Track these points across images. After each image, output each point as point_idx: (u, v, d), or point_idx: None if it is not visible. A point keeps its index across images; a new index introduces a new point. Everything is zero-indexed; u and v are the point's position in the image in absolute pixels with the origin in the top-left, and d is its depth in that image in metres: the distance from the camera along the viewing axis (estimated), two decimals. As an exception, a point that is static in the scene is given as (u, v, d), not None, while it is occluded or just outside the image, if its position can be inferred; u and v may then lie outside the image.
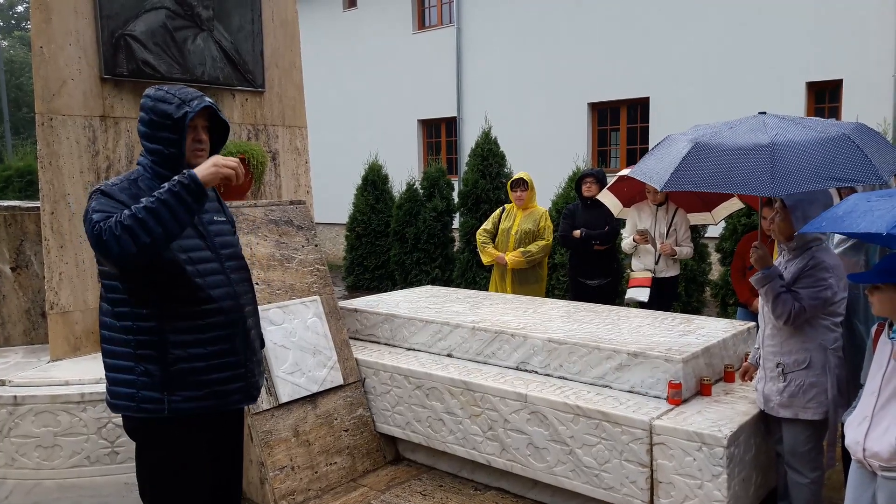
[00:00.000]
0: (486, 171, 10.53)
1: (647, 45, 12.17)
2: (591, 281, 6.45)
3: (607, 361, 4.08)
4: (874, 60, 10.03)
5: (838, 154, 3.23)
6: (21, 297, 5.00)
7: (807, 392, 3.44)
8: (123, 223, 2.42)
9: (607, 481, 3.74)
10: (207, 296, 2.73)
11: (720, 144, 3.46)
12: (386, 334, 5.22)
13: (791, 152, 3.25)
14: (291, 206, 5.01)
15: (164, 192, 2.48)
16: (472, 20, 14.83)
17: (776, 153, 3.25)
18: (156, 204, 2.45)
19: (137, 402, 2.67)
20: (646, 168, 3.72)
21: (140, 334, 2.65)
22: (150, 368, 2.65)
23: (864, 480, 2.85)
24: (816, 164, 3.20)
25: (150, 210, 2.44)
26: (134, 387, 2.67)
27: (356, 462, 4.70)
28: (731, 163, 3.34)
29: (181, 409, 2.68)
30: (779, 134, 3.37)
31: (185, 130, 2.69)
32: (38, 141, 4.51)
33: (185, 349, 2.68)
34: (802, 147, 3.27)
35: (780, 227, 3.53)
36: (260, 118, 5.62)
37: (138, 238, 2.43)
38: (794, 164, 3.21)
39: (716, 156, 3.42)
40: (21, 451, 4.01)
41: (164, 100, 2.69)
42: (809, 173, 3.17)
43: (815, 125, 3.46)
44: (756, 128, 3.50)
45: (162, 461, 2.76)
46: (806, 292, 3.39)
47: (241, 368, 2.85)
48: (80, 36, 4.59)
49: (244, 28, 5.38)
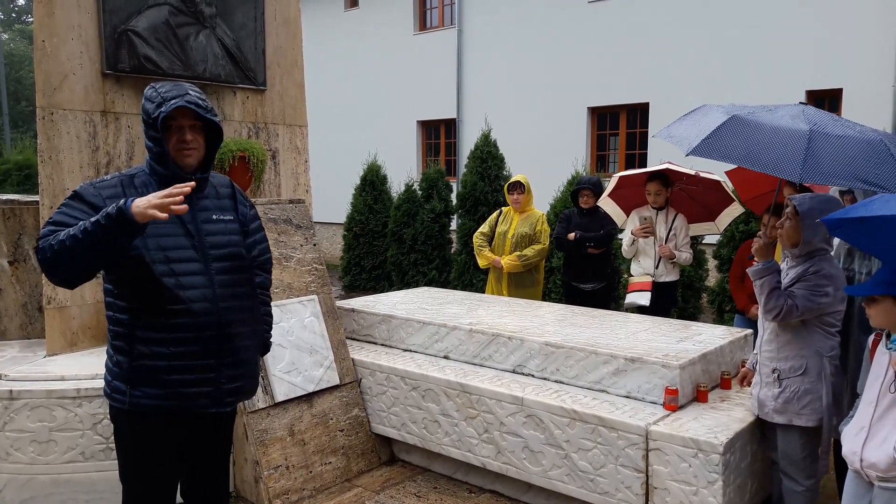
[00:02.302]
0: (485, 173, 10.53)
1: (649, 50, 12.18)
2: (585, 285, 6.42)
3: (604, 366, 4.09)
4: (874, 70, 10.05)
5: (872, 157, 3.23)
6: (18, 292, 4.99)
7: (801, 398, 3.45)
8: (54, 248, 2.47)
9: (602, 486, 3.74)
10: (175, 296, 2.68)
11: (758, 122, 3.44)
12: (383, 335, 5.21)
13: (827, 144, 3.24)
14: (290, 205, 5.01)
15: (92, 223, 2.44)
16: (473, 22, 14.84)
17: (813, 141, 3.24)
18: (82, 233, 2.43)
19: (111, 391, 2.79)
20: (676, 132, 3.64)
21: (116, 325, 2.75)
22: (121, 360, 2.74)
23: (861, 490, 2.85)
24: (849, 161, 3.19)
25: (76, 239, 2.44)
26: (110, 375, 2.80)
27: (351, 462, 4.69)
28: (765, 142, 3.32)
29: (141, 404, 2.73)
30: (818, 125, 3.36)
31: (164, 130, 2.71)
32: (39, 135, 4.50)
33: (148, 346, 2.69)
34: (840, 141, 3.25)
35: (787, 234, 3.50)
36: (261, 116, 5.61)
37: (63, 267, 2.50)
38: (828, 156, 3.20)
39: (750, 132, 3.39)
40: (16, 445, 3.99)
41: (150, 98, 2.74)
42: (840, 168, 3.17)
43: (853, 125, 3.47)
44: (796, 115, 3.50)
45: (125, 450, 2.86)
46: (802, 293, 3.39)
47: (211, 373, 2.78)
48: (83, 30, 4.58)
49: (246, 25, 5.38)
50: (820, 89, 10.50)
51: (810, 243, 3.43)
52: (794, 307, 3.36)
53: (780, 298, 3.37)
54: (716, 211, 6.16)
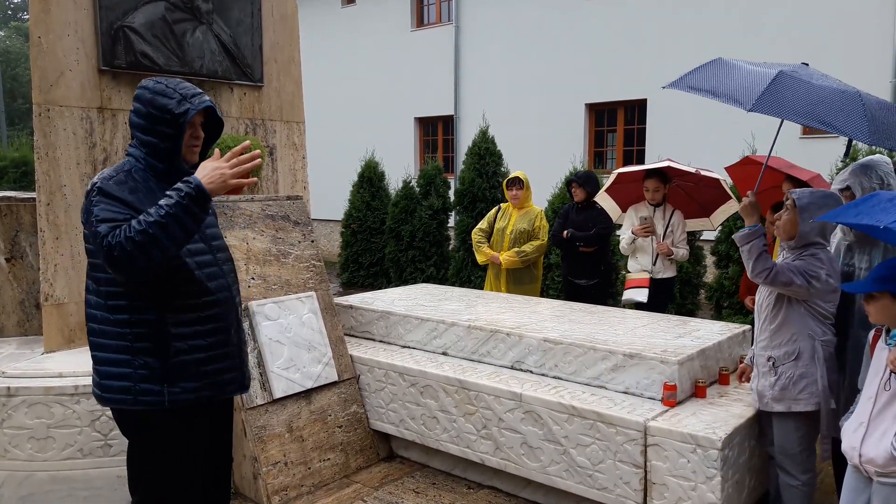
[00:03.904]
0: (483, 170, 10.53)
1: (646, 47, 12.18)
2: (581, 280, 6.48)
3: (603, 362, 4.09)
4: (872, 65, 10.05)
5: (841, 105, 3.33)
6: (15, 288, 4.98)
7: (797, 383, 3.46)
8: (135, 239, 2.41)
9: (601, 482, 3.74)
10: (206, 288, 2.77)
11: (738, 63, 3.49)
12: (381, 331, 5.21)
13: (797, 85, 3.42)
14: (288, 202, 5.00)
15: (173, 205, 2.47)
16: (470, 19, 14.83)
17: (779, 81, 3.37)
18: (165, 218, 2.45)
19: (134, 395, 2.67)
20: (725, 88, 3.46)
21: (138, 327, 2.65)
22: (149, 361, 2.66)
23: (860, 485, 2.86)
24: (814, 103, 3.33)
25: (161, 225, 2.44)
26: (130, 380, 2.66)
27: (349, 458, 4.69)
28: (733, 75, 3.40)
29: (180, 399, 2.71)
30: (792, 69, 3.51)
31: (184, 126, 2.69)
32: (35, 132, 4.48)
33: (185, 341, 2.70)
34: (811, 87, 3.42)
35: (784, 226, 3.52)
36: (258, 112, 5.60)
37: (150, 255, 2.45)
38: (791, 94, 3.33)
39: (723, 68, 3.43)
40: (14, 442, 3.99)
41: (165, 94, 2.67)
42: (801, 107, 3.31)
43: (845, 85, 3.60)
44: (777, 65, 3.60)
45: (159, 452, 2.76)
46: (794, 265, 3.40)
47: (237, 358, 2.92)
48: (79, 27, 4.57)
49: (243, 22, 5.36)
50: (817, 85, 10.50)
51: (806, 237, 3.45)
52: (781, 270, 3.36)
53: (767, 262, 3.38)
54: (711, 207, 6.18)
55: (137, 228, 2.43)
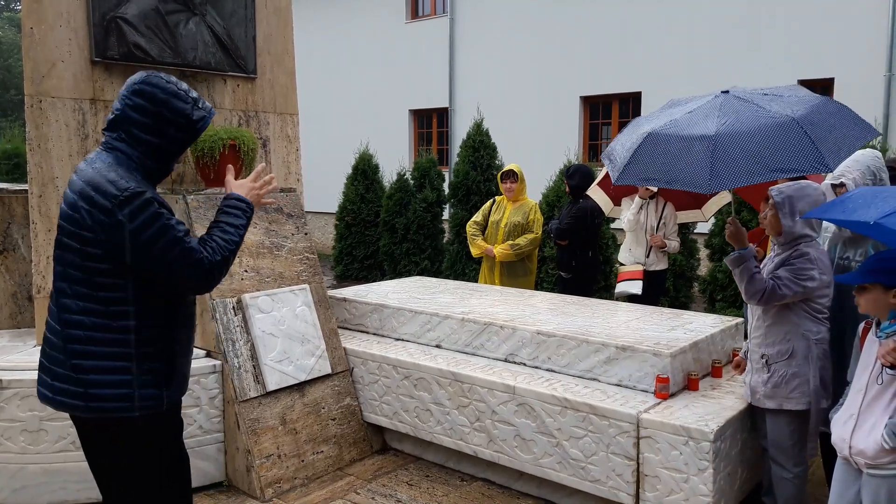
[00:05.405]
0: (478, 162, 10.52)
1: (640, 39, 12.17)
2: (562, 272, 6.63)
3: (595, 355, 4.10)
4: (866, 60, 10.07)
5: (784, 143, 3.19)
6: (7, 281, 4.96)
7: (789, 382, 3.47)
8: (229, 259, 2.65)
9: (593, 474, 3.75)
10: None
11: (671, 135, 3.42)
12: (375, 324, 5.21)
13: (733, 145, 3.22)
14: (282, 194, 4.99)
15: (242, 226, 2.73)
16: (465, 11, 14.78)
17: (718, 146, 3.23)
18: (240, 238, 2.71)
19: (133, 402, 2.56)
20: (675, 174, 3.46)
21: (143, 333, 2.57)
22: (154, 367, 2.60)
23: (850, 477, 2.88)
24: (755, 156, 3.17)
25: (238, 244, 2.69)
26: (129, 386, 2.55)
27: (343, 451, 4.70)
28: (676, 156, 3.32)
29: (173, 400, 2.74)
30: (727, 122, 3.34)
31: (200, 132, 2.68)
32: (27, 123, 4.46)
33: (181, 345, 2.74)
34: (746, 139, 3.22)
35: (770, 223, 3.55)
36: (251, 104, 5.58)
37: (228, 267, 2.69)
38: (734, 158, 3.18)
39: (662, 149, 3.38)
40: (6, 435, 3.98)
41: (178, 96, 2.59)
42: (750, 165, 3.16)
43: (772, 106, 3.43)
44: (709, 113, 3.47)
45: (153, 456, 2.69)
46: (786, 276, 3.41)
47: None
48: (71, 17, 4.54)
49: (237, 13, 5.33)
50: (811, 79, 10.51)
51: (791, 230, 3.47)
52: (775, 288, 3.38)
53: (760, 282, 3.40)
54: (703, 199, 6.18)
55: (229, 248, 2.65)
